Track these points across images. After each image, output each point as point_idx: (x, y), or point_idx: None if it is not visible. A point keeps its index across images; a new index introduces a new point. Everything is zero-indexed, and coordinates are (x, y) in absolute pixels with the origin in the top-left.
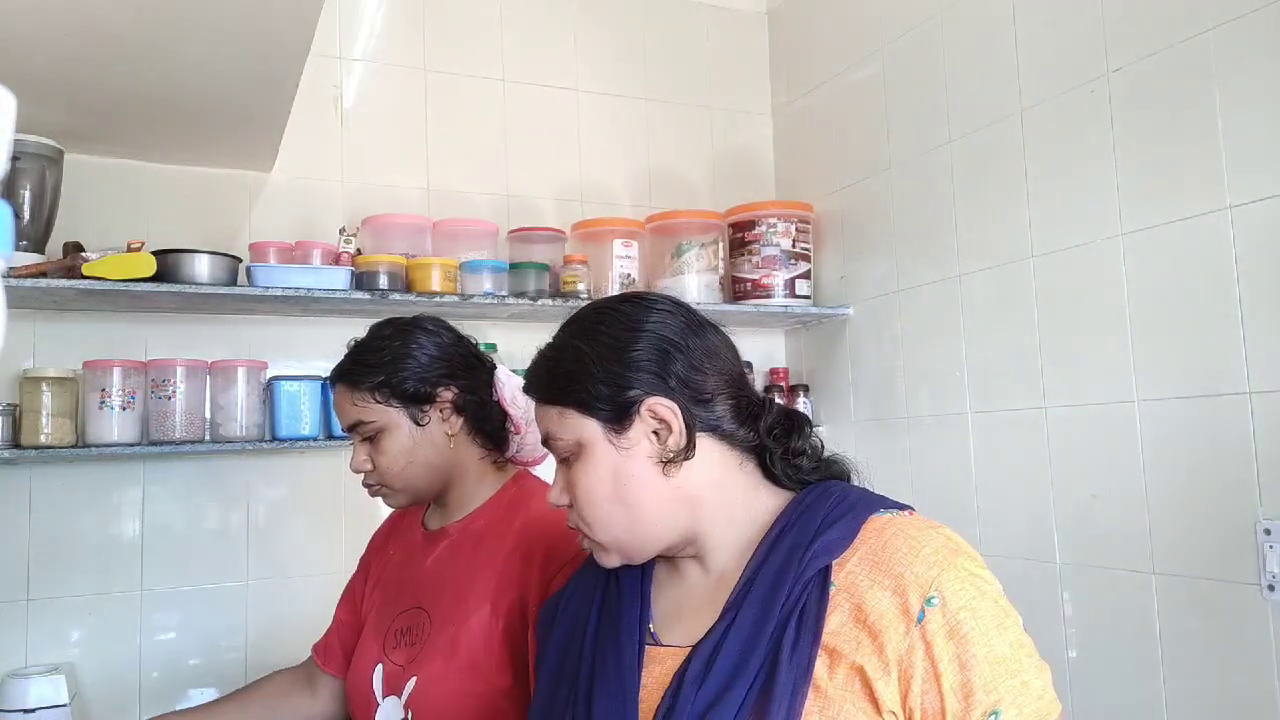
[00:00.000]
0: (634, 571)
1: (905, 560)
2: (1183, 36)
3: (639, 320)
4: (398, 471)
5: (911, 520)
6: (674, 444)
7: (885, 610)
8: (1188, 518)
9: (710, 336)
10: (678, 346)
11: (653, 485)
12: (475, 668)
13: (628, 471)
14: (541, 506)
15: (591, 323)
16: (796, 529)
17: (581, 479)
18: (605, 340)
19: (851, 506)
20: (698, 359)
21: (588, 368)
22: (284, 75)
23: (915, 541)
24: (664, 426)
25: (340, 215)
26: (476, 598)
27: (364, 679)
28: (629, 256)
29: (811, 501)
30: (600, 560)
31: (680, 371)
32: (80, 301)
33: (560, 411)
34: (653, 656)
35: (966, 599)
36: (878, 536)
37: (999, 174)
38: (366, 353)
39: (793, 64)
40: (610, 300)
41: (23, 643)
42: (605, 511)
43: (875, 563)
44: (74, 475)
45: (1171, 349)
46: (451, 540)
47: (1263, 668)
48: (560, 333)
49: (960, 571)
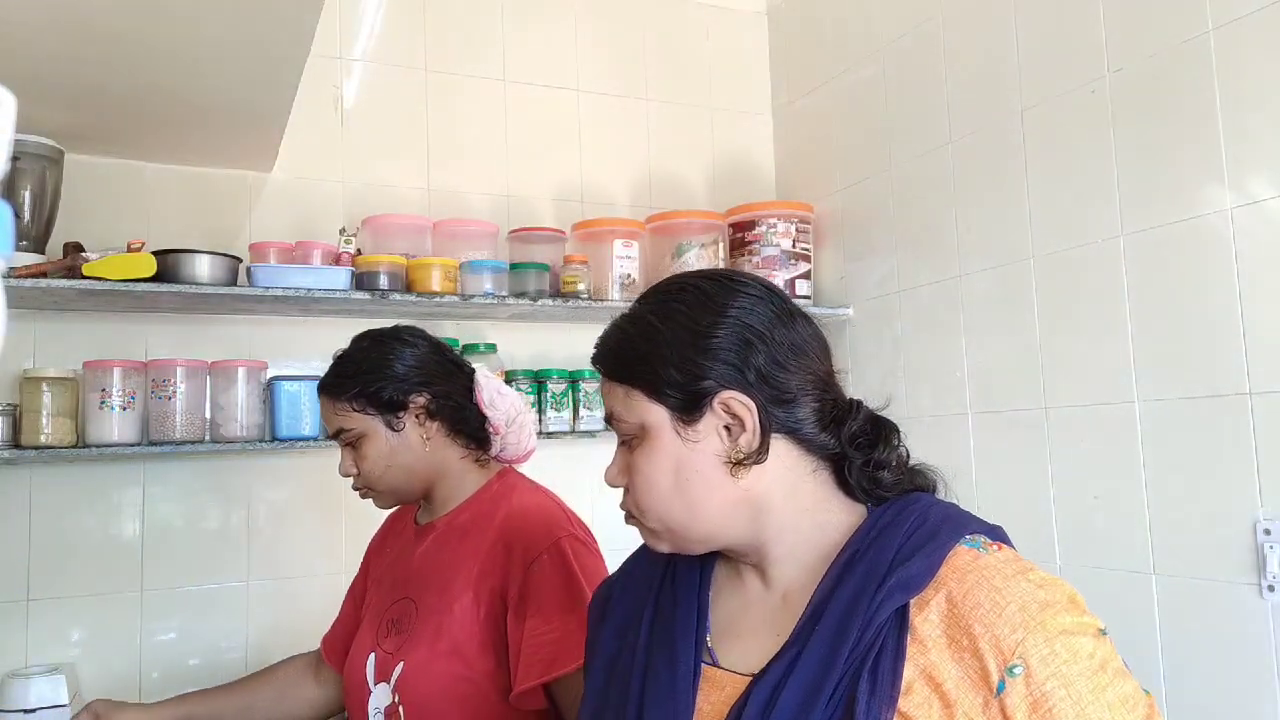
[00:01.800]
0: (692, 571)
1: (987, 619)
2: (1183, 37)
3: (723, 303)
4: (379, 475)
5: (998, 562)
6: (745, 444)
7: (962, 678)
8: (1188, 518)
9: (800, 329)
10: (762, 337)
11: (717, 484)
12: (458, 652)
13: (692, 466)
14: (522, 500)
15: (671, 300)
16: (871, 554)
17: (643, 465)
18: (683, 321)
19: (933, 533)
20: (783, 353)
21: (661, 350)
22: (284, 75)
23: (999, 595)
24: (737, 423)
25: (340, 215)
26: (460, 586)
27: (358, 669)
28: (629, 257)
29: (889, 522)
30: (651, 545)
31: (762, 365)
32: (80, 301)
33: (627, 391)
34: (709, 678)
35: (1056, 666)
36: (960, 581)
37: (999, 174)
38: (346, 364)
39: (793, 64)
40: (695, 276)
41: (23, 643)
42: (663, 502)
43: (954, 617)
44: (74, 475)
45: (1171, 349)
46: (438, 534)
47: (1263, 668)
48: (638, 305)
49: (1049, 632)
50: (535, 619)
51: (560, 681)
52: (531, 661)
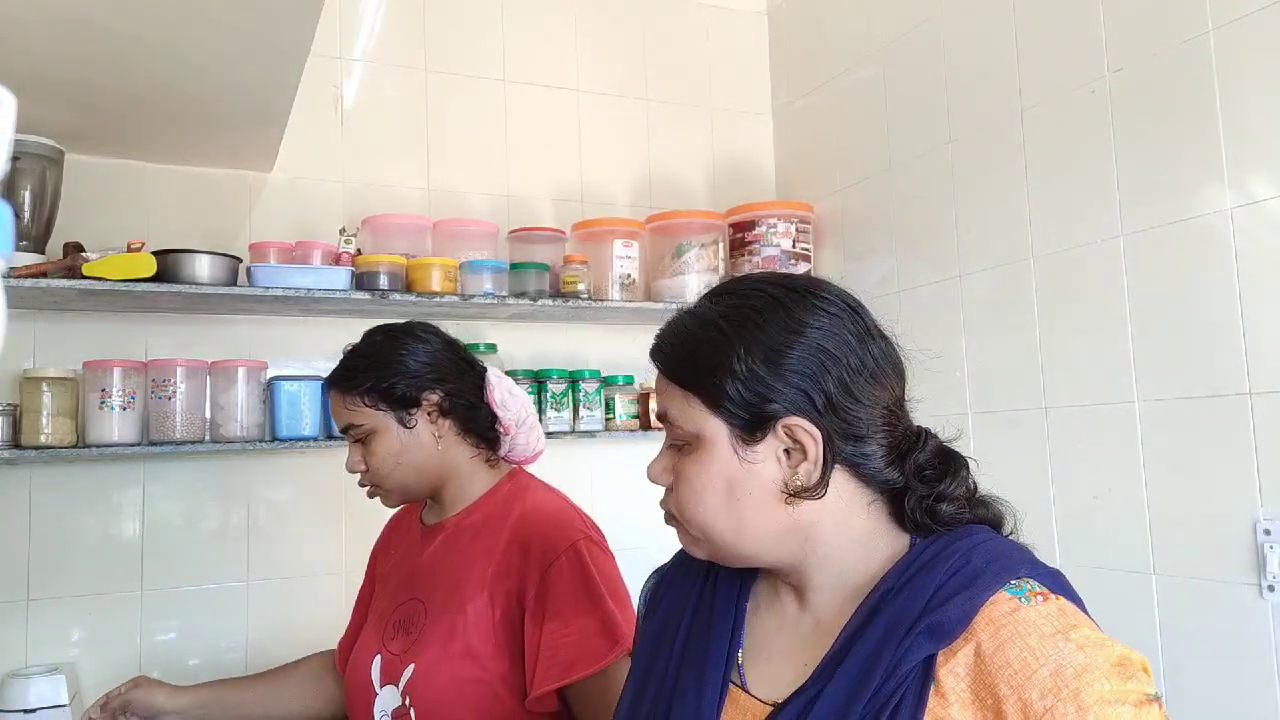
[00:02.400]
0: (732, 581)
1: (1015, 680)
2: (1183, 37)
3: (801, 320)
4: (388, 472)
5: (1039, 616)
6: (805, 473)
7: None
8: (1188, 518)
9: (876, 351)
10: (838, 362)
11: (768, 508)
12: (472, 654)
13: (745, 487)
14: (536, 500)
15: (748, 308)
16: (906, 593)
17: (693, 475)
18: (757, 335)
19: (974, 577)
20: (858, 383)
21: (730, 363)
22: (284, 75)
23: (1033, 656)
24: (798, 449)
25: (340, 215)
26: (473, 587)
27: (363, 670)
28: (629, 257)
29: (931, 558)
30: (687, 549)
31: (833, 393)
32: (80, 301)
33: (686, 396)
34: (734, 701)
35: None
36: (993, 635)
37: (999, 174)
38: (358, 358)
39: (793, 64)
40: (774, 283)
41: (23, 643)
42: (709, 516)
43: (981, 673)
44: (74, 475)
45: (1171, 349)
46: (447, 534)
47: (1263, 668)
48: (708, 304)
49: (1083, 702)
50: (553, 622)
51: (576, 685)
52: (549, 665)
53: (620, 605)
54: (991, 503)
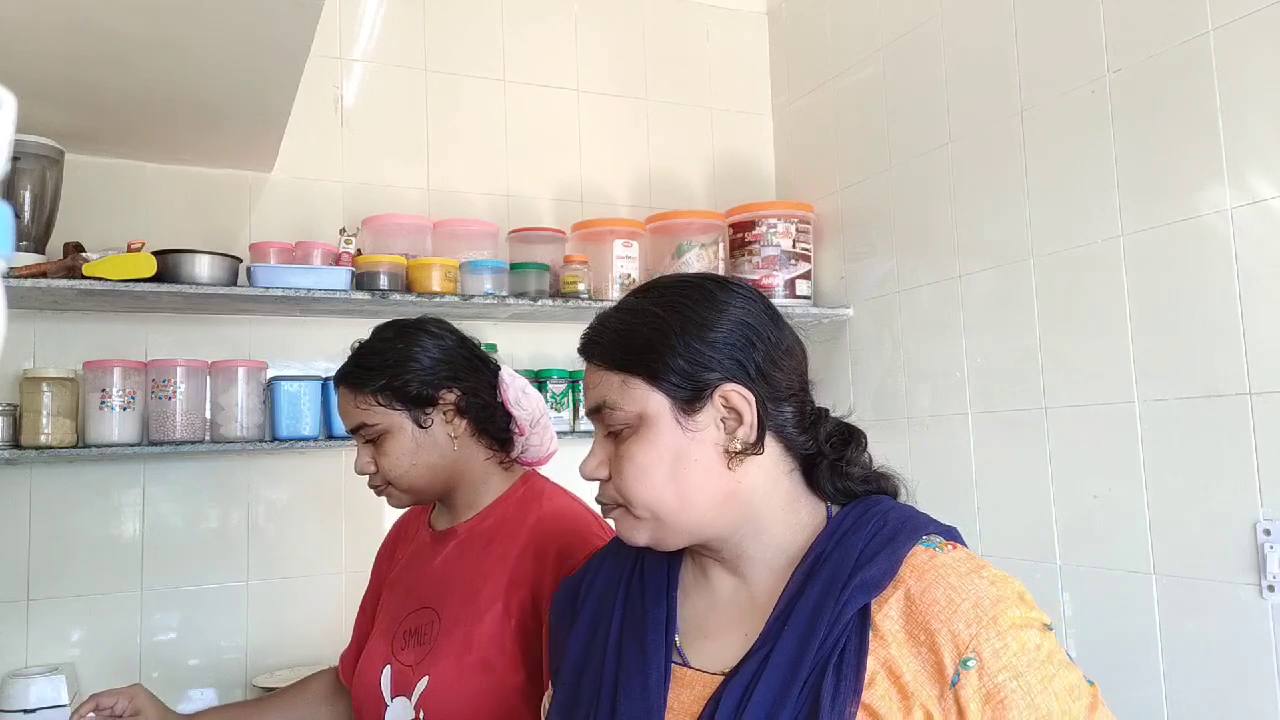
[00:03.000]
0: (660, 571)
1: (943, 615)
2: (1183, 37)
3: (725, 301)
4: (401, 473)
5: (954, 561)
6: (743, 435)
7: (919, 670)
8: (1188, 518)
9: (786, 332)
10: (760, 336)
11: (714, 474)
12: (488, 666)
13: (690, 455)
14: (554, 504)
15: (674, 294)
16: (835, 557)
17: (638, 454)
18: (689, 314)
19: (892, 535)
20: (777, 353)
21: (669, 339)
22: (284, 75)
23: (955, 593)
24: (734, 416)
25: (340, 215)
26: (488, 596)
27: (371, 681)
28: (629, 257)
29: (851, 525)
30: (627, 534)
31: (760, 362)
32: (80, 301)
33: (625, 380)
34: (679, 678)
35: (1007, 659)
36: (918, 579)
37: (999, 174)
38: (369, 355)
39: (793, 64)
40: (691, 276)
41: (23, 643)
42: (656, 490)
43: (912, 613)
44: (74, 475)
45: (1171, 349)
46: (460, 540)
47: (1263, 668)
48: (633, 299)
49: (1001, 626)
50: None
51: None
52: None
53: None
54: (890, 475)
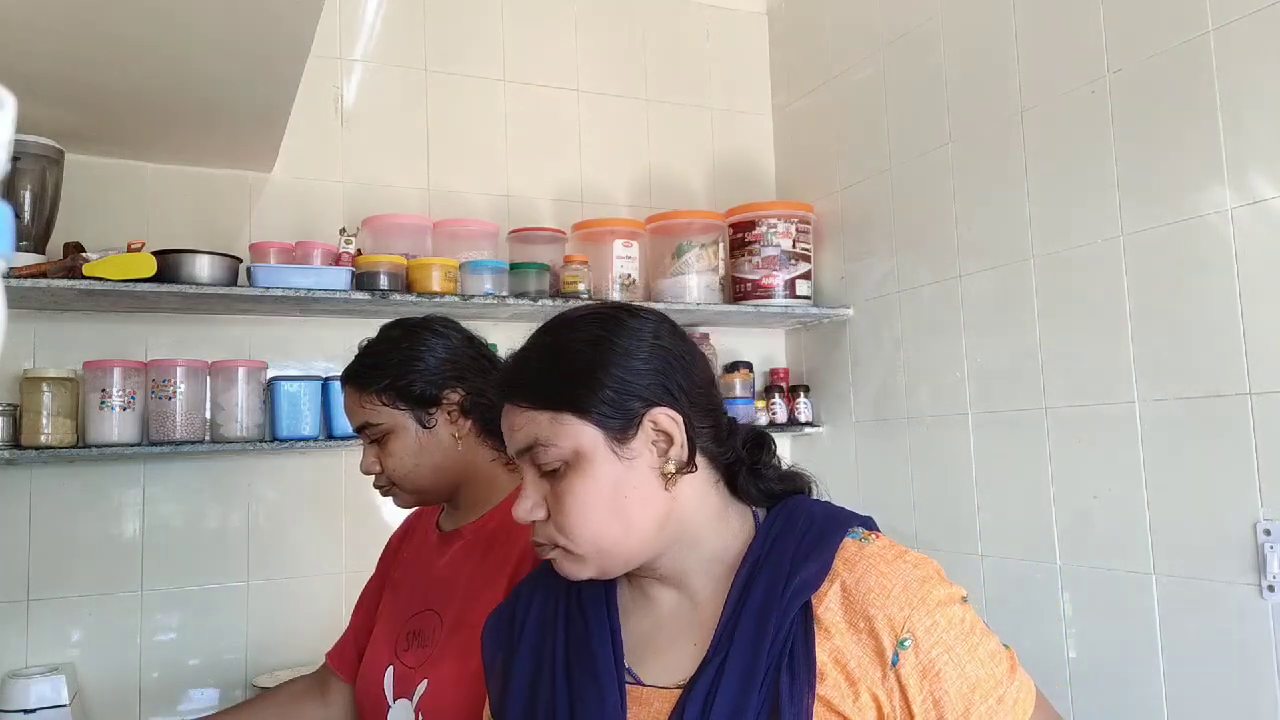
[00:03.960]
0: (597, 595)
1: (878, 602)
2: (1183, 37)
3: (638, 328)
4: (405, 473)
5: (879, 550)
6: (675, 456)
7: (862, 655)
8: (1188, 518)
9: (693, 349)
10: (678, 357)
11: (653, 499)
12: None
13: (629, 483)
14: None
15: (590, 327)
16: (772, 561)
17: (578, 490)
18: (609, 344)
19: (821, 534)
20: (694, 371)
21: (594, 371)
22: (284, 75)
23: (885, 579)
24: (664, 438)
25: (340, 215)
26: (489, 600)
27: (375, 681)
28: (629, 257)
29: (781, 529)
30: (569, 573)
31: (681, 382)
32: (80, 302)
33: (554, 416)
34: (636, 698)
35: (938, 635)
36: (850, 570)
37: (999, 174)
38: (374, 354)
39: (793, 64)
40: (598, 307)
41: (23, 643)
42: (599, 525)
43: (850, 602)
44: (74, 475)
45: (1171, 349)
46: (465, 542)
47: (1263, 668)
48: (548, 337)
49: (929, 605)
50: None
51: None
52: None
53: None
54: (800, 474)
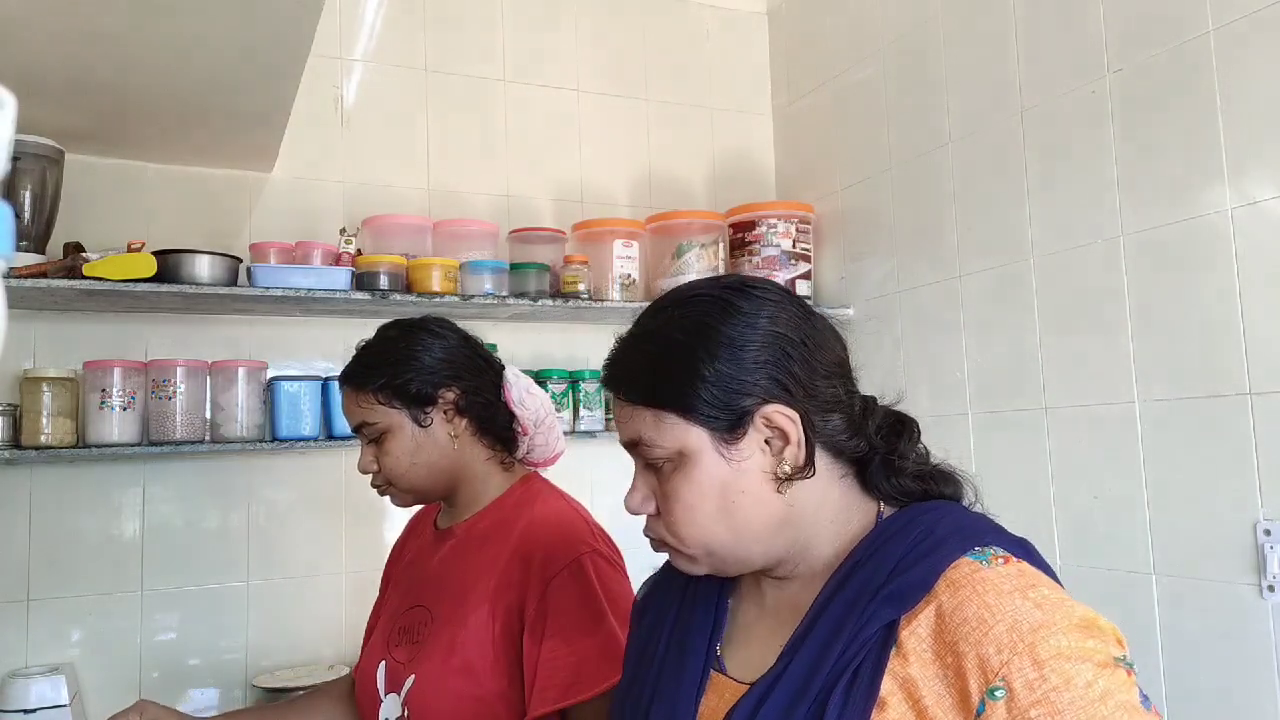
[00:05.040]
0: (714, 579)
1: (971, 636)
2: (1183, 37)
3: (750, 313)
4: (402, 472)
5: (999, 576)
6: (790, 457)
7: (942, 695)
8: (1188, 518)
9: (819, 328)
10: (794, 343)
11: (765, 502)
12: (469, 669)
13: (738, 487)
14: (545, 509)
15: (694, 313)
16: (872, 564)
17: (683, 492)
18: (714, 335)
19: (937, 545)
20: (815, 358)
21: (697, 369)
22: (284, 75)
23: (989, 611)
24: (779, 436)
25: (340, 215)
26: (476, 598)
27: (369, 676)
28: (629, 257)
29: (896, 531)
30: (684, 569)
31: (799, 373)
32: (81, 302)
33: (658, 415)
34: (715, 685)
35: (1043, 692)
36: (952, 594)
37: (999, 174)
38: (371, 354)
39: (793, 64)
40: (711, 287)
41: (23, 643)
42: (707, 527)
43: (941, 631)
44: (74, 475)
45: (1171, 349)
46: (457, 540)
47: (1263, 668)
48: (653, 321)
49: (1039, 655)
50: (553, 640)
51: (575, 708)
52: (547, 686)
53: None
54: (954, 475)
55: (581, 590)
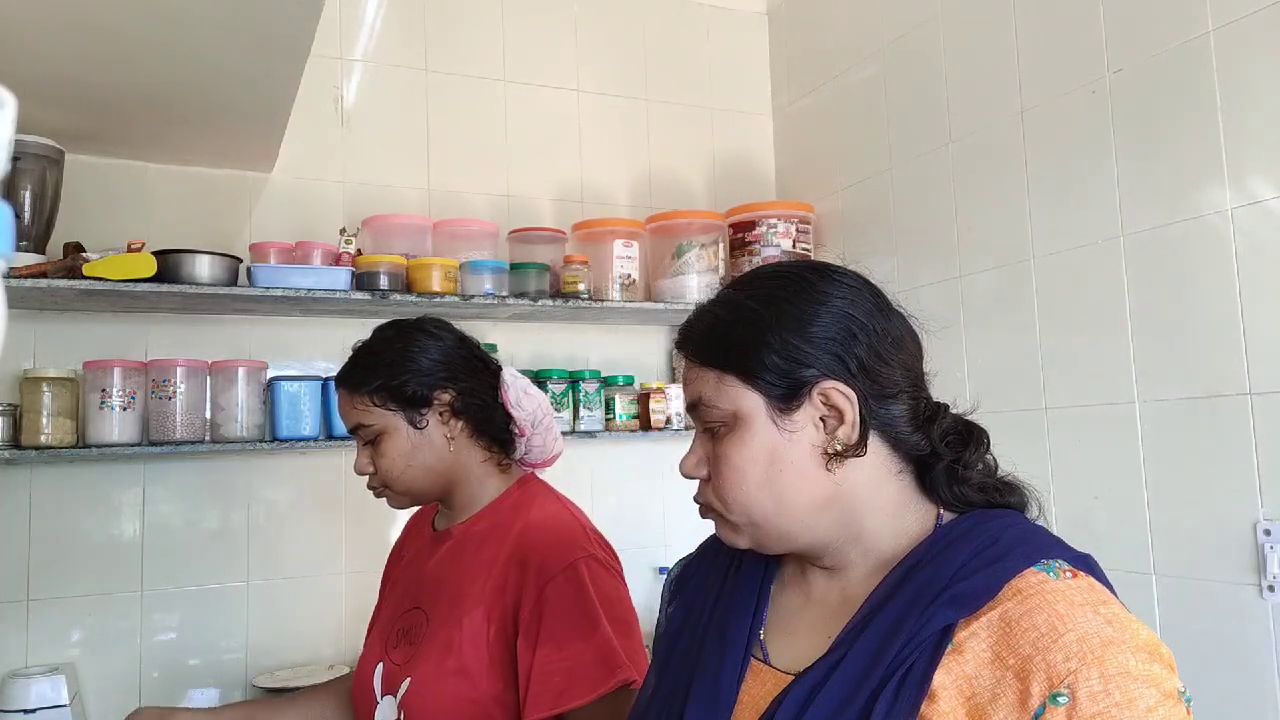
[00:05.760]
0: (758, 562)
1: (1041, 642)
2: (1183, 37)
3: (825, 292)
4: (397, 474)
5: (1069, 588)
6: (844, 436)
7: (997, 694)
8: (1188, 518)
9: (896, 323)
10: (864, 328)
11: (811, 477)
12: (465, 672)
13: (786, 457)
14: (541, 512)
15: (771, 286)
16: (932, 567)
17: (733, 454)
18: (786, 308)
19: (1004, 553)
20: (883, 347)
21: (763, 335)
22: (284, 75)
23: (1063, 620)
24: (834, 414)
25: (340, 215)
26: (472, 601)
27: (366, 677)
28: (629, 257)
29: (960, 535)
30: (727, 539)
31: (863, 357)
32: (80, 302)
33: (720, 376)
34: (755, 673)
35: (1105, 706)
36: (1020, 602)
37: (999, 174)
38: (367, 356)
39: (793, 64)
40: (792, 266)
41: (23, 643)
42: (752, 494)
43: (1006, 635)
44: (74, 475)
45: (1171, 349)
46: (454, 542)
47: (1263, 668)
48: (730, 291)
49: (1108, 669)
50: (547, 645)
51: (571, 713)
52: (542, 691)
53: (621, 631)
54: (1018, 486)
55: (576, 595)
